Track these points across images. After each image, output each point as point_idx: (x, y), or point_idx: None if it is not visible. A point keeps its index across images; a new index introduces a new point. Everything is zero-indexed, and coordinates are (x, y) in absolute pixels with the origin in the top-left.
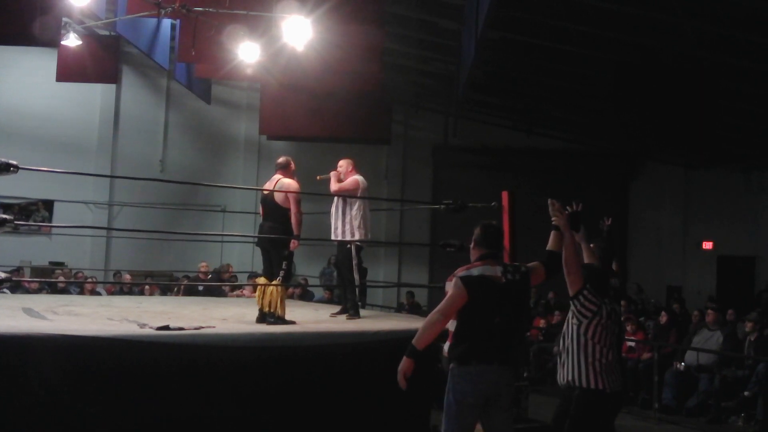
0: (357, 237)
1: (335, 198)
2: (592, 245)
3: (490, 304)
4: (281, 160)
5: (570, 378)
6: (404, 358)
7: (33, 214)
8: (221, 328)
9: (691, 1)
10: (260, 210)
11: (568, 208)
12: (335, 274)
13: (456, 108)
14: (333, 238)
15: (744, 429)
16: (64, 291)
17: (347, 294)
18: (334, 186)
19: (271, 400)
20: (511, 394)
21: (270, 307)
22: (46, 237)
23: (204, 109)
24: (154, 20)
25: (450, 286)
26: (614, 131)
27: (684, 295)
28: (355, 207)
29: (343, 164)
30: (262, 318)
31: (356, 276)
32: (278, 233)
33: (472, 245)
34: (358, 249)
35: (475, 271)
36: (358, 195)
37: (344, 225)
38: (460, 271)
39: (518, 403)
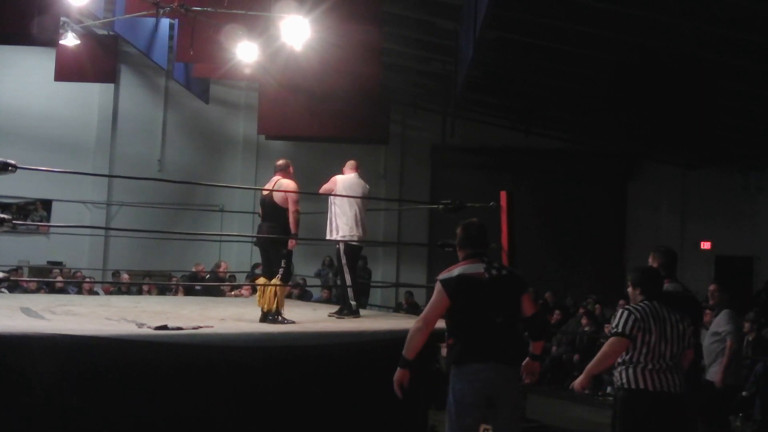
0: (340, 235)
1: (328, 199)
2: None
3: (475, 302)
4: (281, 162)
5: (617, 380)
6: (398, 368)
7: (31, 213)
8: (219, 327)
9: (689, 2)
10: (260, 211)
11: None
12: (330, 275)
13: (454, 108)
14: (327, 238)
15: (742, 429)
16: (62, 291)
17: (343, 294)
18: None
19: (269, 400)
20: (515, 391)
21: (270, 305)
22: (45, 236)
23: (202, 108)
24: (152, 20)
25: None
26: (612, 131)
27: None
28: (337, 205)
29: None
30: (264, 317)
31: (347, 276)
32: (277, 233)
33: (456, 246)
34: (350, 248)
35: (455, 272)
36: (335, 193)
37: (331, 224)
38: (442, 274)
39: None
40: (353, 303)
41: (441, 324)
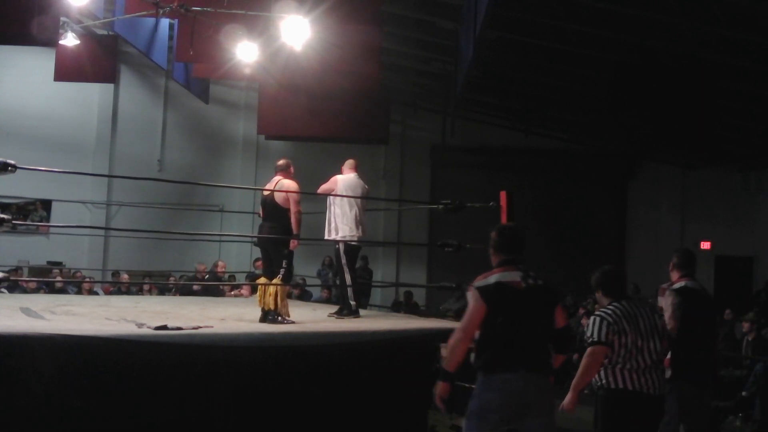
0: (340, 235)
1: (327, 199)
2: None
3: (510, 311)
4: (281, 162)
5: (596, 380)
6: (438, 382)
7: (31, 213)
8: (219, 327)
9: (689, 2)
10: (260, 211)
11: None
12: (330, 275)
13: (454, 108)
14: (326, 237)
15: (741, 429)
16: (61, 291)
17: (342, 294)
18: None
19: (269, 400)
20: (547, 400)
21: (272, 305)
22: (44, 237)
23: (202, 108)
24: (152, 20)
25: (470, 296)
26: (612, 131)
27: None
28: (338, 205)
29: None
30: (264, 317)
31: (347, 276)
32: (278, 233)
33: (490, 251)
34: (350, 248)
35: (492, 279)
36: (335, 193)
37: (330, 224)
38: (477, 281)
39: None
40: (353, 303)
41: (441, 324)
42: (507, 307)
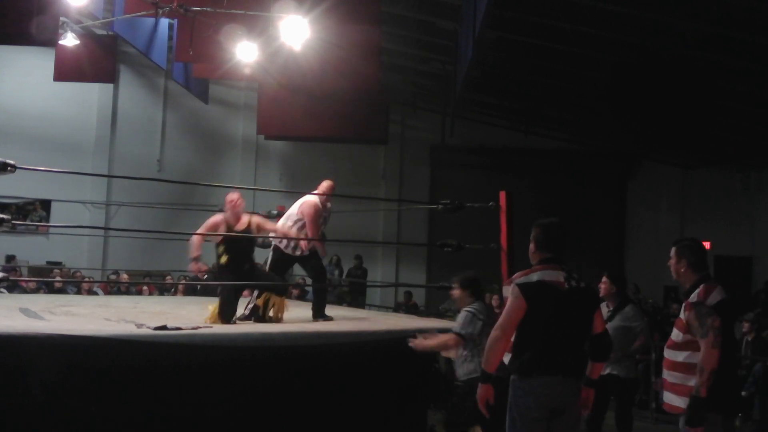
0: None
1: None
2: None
3: (551, 312)
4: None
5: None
6: (480, 385)
7: (30, 213)
8: (218, 328)
9: (689, 2)
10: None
11: None
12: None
13: (453, 108)
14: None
15: (741, 429)
16: (61, 291)
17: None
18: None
19: (268, 400)
20: (578, 406)
21: (267, 307)
22: (44, 236)
23: (202, 108)
24: (151, 20)
25: (507, 291)
26: (612, 131)
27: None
28: (296, 221)
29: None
30: (252, 314)
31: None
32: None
33: (531, 248)
34: (282, 256)
35: (534, 277)
36: (320, 212)
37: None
38: (518, 277)
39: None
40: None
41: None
42: (548, 308)
